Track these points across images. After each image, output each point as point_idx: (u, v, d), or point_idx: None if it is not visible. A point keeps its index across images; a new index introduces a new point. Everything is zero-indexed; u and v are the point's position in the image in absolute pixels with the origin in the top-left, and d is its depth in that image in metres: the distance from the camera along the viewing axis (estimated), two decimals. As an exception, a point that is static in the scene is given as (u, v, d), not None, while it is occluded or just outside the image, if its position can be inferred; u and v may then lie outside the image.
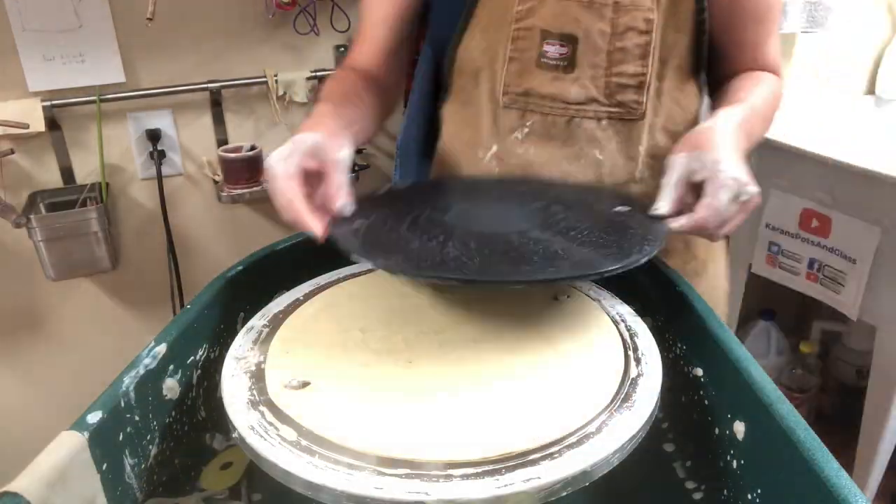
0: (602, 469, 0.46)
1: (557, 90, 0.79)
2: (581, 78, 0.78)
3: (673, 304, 0.66)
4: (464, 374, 0.54)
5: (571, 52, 0.77)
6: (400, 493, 0.43)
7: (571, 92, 0.79)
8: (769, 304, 1.89)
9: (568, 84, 0.78)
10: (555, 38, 0.77)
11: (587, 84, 0.78)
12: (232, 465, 0.61)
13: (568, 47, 0.77)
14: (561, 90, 0.79)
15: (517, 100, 0.80)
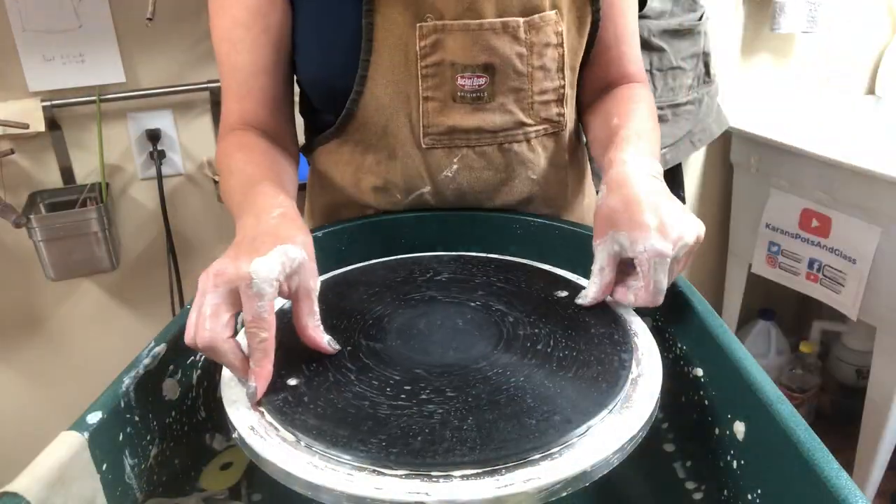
0: (602, 469, 0.46)
1: (481, 122, 0.75)
2: (505, 104, 0.75)
3: (673, 303, 0.66)
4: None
5: (489, 81, 0.73)
6: (400, 493, 0.43)
7: (496, 121, 0.75)
8: (769, 304, 1.90)
9: (491, 114, 0.75)
10: (469, 71, 0.72)
11: (511, 109, 0.75)
12: (232, 465, 0.61)
13: (485, 77, 0.73)
14: (485, 121, 0.75)
15: (440, 139, 0.75)
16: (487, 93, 0.73)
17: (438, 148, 0.76)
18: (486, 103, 0.74)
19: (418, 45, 0.71)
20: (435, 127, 0.75)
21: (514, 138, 0.77)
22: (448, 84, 0.73)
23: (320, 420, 0.48)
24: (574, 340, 0.57)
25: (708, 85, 1.54)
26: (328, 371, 0.54)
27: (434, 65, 0.72)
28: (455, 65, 0.72)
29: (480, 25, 0.71)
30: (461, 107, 0.74)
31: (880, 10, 1.85)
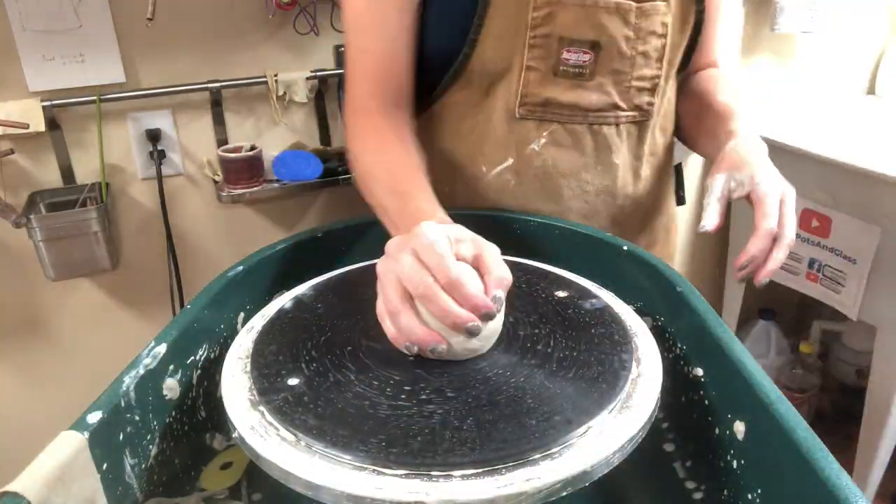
0: (602, 469, 0.46)
1: (578, 98, 0.77)
2: (603, 84, 0.77)
3: (673, 304, 0.66)
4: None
5: (593, 59, 0.76)
6: (400, 493, 0.43)
7: (592, 99, 0.78)
8: (769, 304, 1.90)
9: (588, 92, 0.77)
10: (575, 46, 0.75)
11: (609, 90, 0.78)
12: (232, 465, 0.61)
13: (590, 54, 0.75)
14: (581, 98, 0.77)
15: (535, 110, 0.78)
16: (589, 70, 0.76)
17: (530, 119, 0.78)
18: (586, 80, 0.76)
19: (531, 14, 0.73)
20: (532, 97, 0.77)
21: (604, 120, 0.79)
22: (553, 57, 0.75)
23: (320, 420, 0.48)
24: (574, 340, 0.57)
25: (708, 85, 1.54)
26: (328, 371, 0.54)
27: (543, 36, 0.74)
28: (563, 38, 0.74)
29: (595, 3, 0.73)
30: (561, 81, 0.76)
31: (880, 10, 1.85)
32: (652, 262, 0.70)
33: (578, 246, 0.77)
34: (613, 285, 0.69)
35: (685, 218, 1.89)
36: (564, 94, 0.77)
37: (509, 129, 0.79)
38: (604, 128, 0.80)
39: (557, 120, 0.78)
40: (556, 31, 0.74)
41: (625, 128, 0.81)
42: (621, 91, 0.78)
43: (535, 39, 0.74)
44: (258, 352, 0.57)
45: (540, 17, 0.73)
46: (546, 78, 0.76)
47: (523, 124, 0.79)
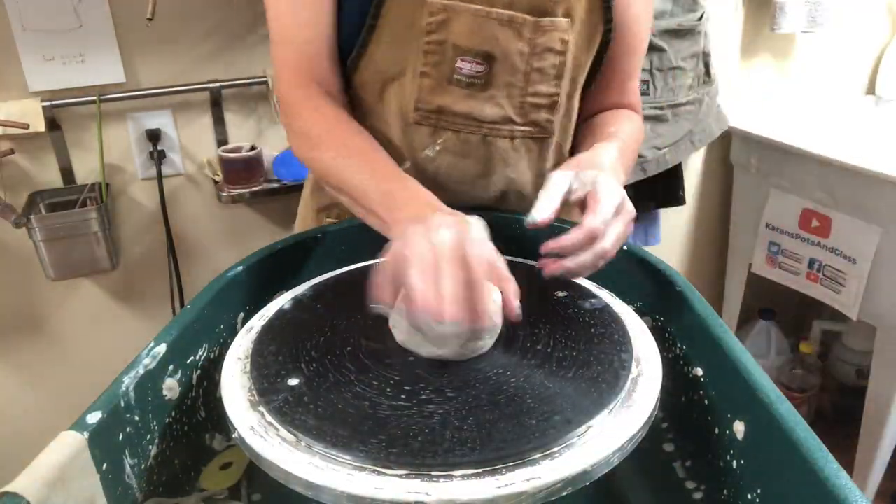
0: (602, 469, 0.46)
1: (471, 108, 0.75)
2: (496, 97, 0.75)
3: (673, 303, 0.66)
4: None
5: (487, 70, 0.73)
6: (400, 493, 0.43)
7: (486, 111, 0.75)
8: (769, 303, 1.90)
9: (482, 102, 0.75)
10: (470, 55, 0.73)
11: (502, 103, 0.76)
12: (232, 465, 0.61)
13: (484, 65, 0.73)
14: (475, 108, 0.75)
15: (429, 116, 0.76)
16: (483, 81, 0.74)
17: (424, 125, 0.77)
18: (480, 91, 0.75)
19: (425, 20, 0.71)
20: (426, 104, 0.75)
21: (498, 133, 0.78)
22: (447, 64, 0.73)
23: (320, 420, 0.48)
24: (574, 340, 0.57)
25: (708, 85, 1.54)
26: (328, 371, 0.54)
27: (437, 42, 0.72)
28: (457, 47, 0.72)
29: (488, 14, 0.71)
30: (455, 90, 0.74)
31: (880, 10, 1.85)
32: (652, 262, 0.70)
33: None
34: (613, 285, 0.69)
35: (685, 218, 1.89)
36: (458, 104, 0.75)
37: (404, 133, 0.77)
38: (498, 140, 0.78)
39: (451, 128, 0.77)
40: (450, 39, 0.72)
41: (522, 143, 0.79)
42: (515, 105, 0.76)
43: (429, 45, 0.72)
44: (258, 352, 0.57)
45: (435, 23, 0.71)
46: (440, 85, 0.74)
47: (418, 129, 0.77)
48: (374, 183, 0.66)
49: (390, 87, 0.76)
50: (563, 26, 0.73)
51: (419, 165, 0.79)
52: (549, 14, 0.73)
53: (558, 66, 0.75)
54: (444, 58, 0.73)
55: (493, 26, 0.72)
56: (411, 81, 0.74)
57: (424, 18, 0.71)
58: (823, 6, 1.66)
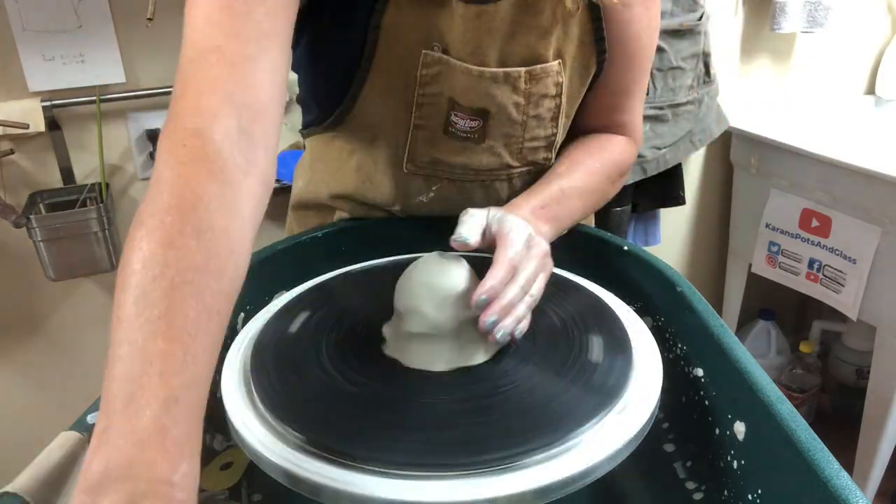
0: (603, 469, 0.46)
1: (468, 160, 0.73)
2: (493, 147, 0.73)
3: (673, 304, 0.66)
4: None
5: (482, 124, 0.71)
6: (400, 492, 0.43)
7: (483, 160, 0.74)
8: (769, 303, 1.90)
9: (479, 154, 0.73)
10: (464, 112, 0.70)
11: (499, 152, 0.74)
12: (232, 465, 0.61)
13: (478, 120, 0.71)
14: (471, 159, 0.73)
15: (423, 167, 0.74)
16: (478, 134, 0.72)
17: (419, 175, 0.75)
18: (476, 143, 0.73)
19: (420, 71, 0.68)
20: (420, 156, 0.73)
21: (496, 177, 0.76)
22: (441, 117, 0.71)
23: (321, 420, 0.48)
24: (573, 340, 0.57)
25: (708, 85, 1.54)
26: (329, 372, 0.54)
27: (432, 95, 0.70)
28: (452, 100, 0.70)
29: (482, 74, 0.69)
30: (450, 141, 0.72)
31: (880, 10, 1.85)
32: (652, 262, 0.70)
33: (579, 246, 0.77)
34: (613, 285, 0.69)
35: (685, 218, 1.89)
36: (453, 156, 0.73)
37: (395, 181, 0.75)
38: (496, 183, 0.77)
39: (447, 177, 0.75)
40: (445, 92, 0.69)
41: (519, 180, 0.78)
42: (513, 152, 0.75)
43: (423, 98, 0.70)
44: (258, 352, 0.57)
45: (430, 75, 0.68)
46: (435, 137, 0.72)
47: (411, 178, 0.75)
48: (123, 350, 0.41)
49: (380, 138, 0.73)
50: (555, 69, 0.71)
51: (409, 210, 0.77)
52: (541, 60, 0.70)
53: (554, 109, 0.73)
54: (438, 110, 0.71)
55: (487, 84, 0.69)
56: (405, 133, 0.72)
57: (419, 70, 0.68)
58: (823, 6, 1.66)
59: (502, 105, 0.71)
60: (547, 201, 0.69)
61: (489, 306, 0.53)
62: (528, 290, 0.56)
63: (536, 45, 0.69)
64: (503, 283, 0.54)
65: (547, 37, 0.69)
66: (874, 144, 1.55)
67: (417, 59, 0.68)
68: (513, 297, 0.54)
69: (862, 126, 1.78)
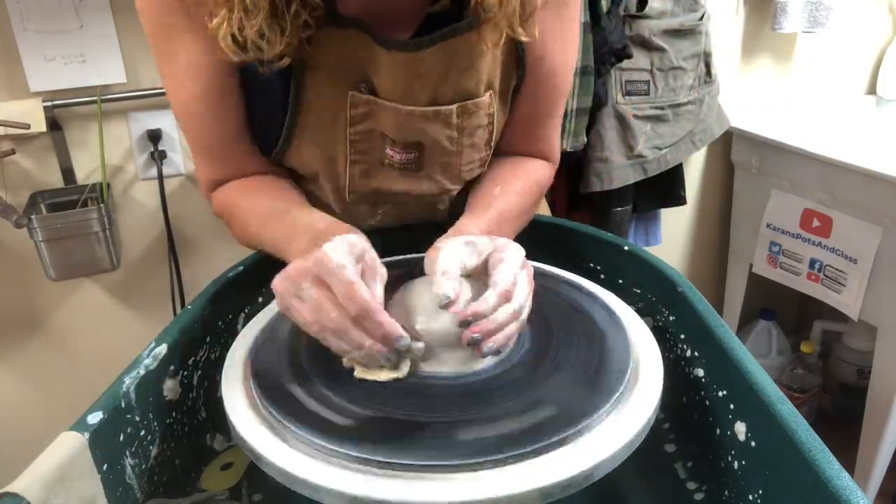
0: (604, 470, 0.46)
1: (408, 187, 0.74)
2: (432, 174, 0.74)
3: (674, 304, 0.66)
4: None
5: (418, 156, 0.72)
6: (401, 493, 0.43)
7: (423, 187, 0.75)
8: (770, 303, 1.89)
9: (418, 180, 0.74)
10: (398, 146, 0.71)
11: (438, 178, 0.75)
12: (232, 465, 0.61)
13: (414, 153, 0.71)
14: (412, 186, 0.75)
15: (366, 196, 0.76)
16: (415, 165, 0.73)
17: (362, 203, 0.77)
18: (413, 173, 0.73)
19: (349, 111, 0.68)
20: (361, 187, 0.74)
21: (437, 200, 0.79)
22: (377, 151, 0.72)
23: (321, 421, 0.48)
24: (574, 340, 0.57)
25: (709, 85, 1.54)
26: (329, 372, 0.54)
27: (364, 132, 0.70)
28: (385, 136, 0.70)
29: (412, 112, 0.68)
30: (388, 171, 0.73)
31: (881, 10, 1.85)
32: (653, 262, 0.70)
33: (579, 246, 0.77)
34: (614, 285, 0.69)
35: (686, 218, 1.89)
36: (394, 184, 0.74)
37: (343, 208, 0.77)
38: (437, 204, 0.80)
39: (391, 202, 0.77)
40: (377, 128, 0.70)
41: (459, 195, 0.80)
42: (451, 176, 0.75)
43: (356, 135, 0.70)
44: (258, 352, 0.57)
45: (359, 114, 0.69)
46: (373, 169, 0.73)
47: (357, 205, 0.77)
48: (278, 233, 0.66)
49: (322, 173, 0.74)
50: (486, 102, 0.71)
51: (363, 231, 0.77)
52: (473, 96, 0.70)
53: (487, 136, 0.74)
54: (372, 145, 0.71)
55: (418, 121, 0.69)
56: (343, 168, 0.72)
57: (347, 111, 0.68)
58: (824, 6, 1.65)
59: (435, 139, 0.71)
60: (490, 226, 0.68)
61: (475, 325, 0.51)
62: (522, 313, 0.55)
63: (467, 83, 0.69)
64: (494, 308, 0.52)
65: (476, 74, 0.68)
66: (875, 144, 1.55)
67: (345, 100, 0.68)
68: (503, 320, 0.52)
69: (863, 126, 1.78)
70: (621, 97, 1.41)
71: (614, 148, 1.41)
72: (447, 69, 0.67)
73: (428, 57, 0.66)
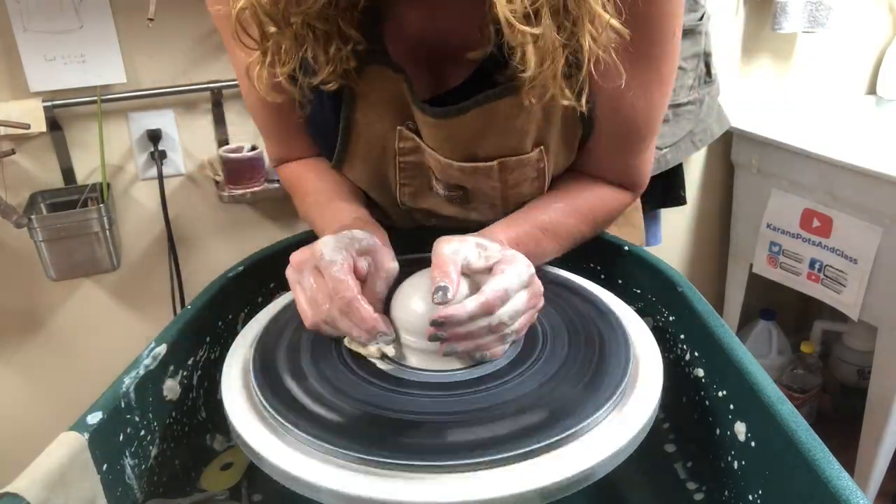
0: (604, 470, 0.46)
1: (457, 213, 0.74)
2: (479, 208, 0.73)
3: (674, 304, 0.66)
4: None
5: (464, 194, 0.71)
6: (401, 493, 0.43)
7: (471, 216, 0.73)
8: (770, 304, 1.89)
9: (467, 210, 0.73)
10: (442, 185, 0.71)
11: (486, 212, 0.72)
12: (232, 465, 0.61)
13: (459, 192, 0.71)
14: (460, 214, 0.74)
15: (417, 210, 0.76)
16: (462, 199, 0.72)
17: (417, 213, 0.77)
18: (461, 204, 0.73)
19: (397, 144, 0.69)
20: (412, 205, 0.75)
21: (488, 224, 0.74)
22: (425, 177, 0.72)
23: (321, 420, 0.48)
24: (574, 341, 0.57)
25: (709, 85, 1.53)
26: (329, 373, 0.54)
27: (412, 164, 0.71)
28: (432, 170, 0.70)
29: (450, 164, 0.67)
30: (437, 197, 0.73)
31: (881, 10, 1.85)
32: (653, 262, 0.70)
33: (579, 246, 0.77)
34: (614, 285, 0.69)
35: (686, 218, 1.89)
36: (443, 209, 0.74)
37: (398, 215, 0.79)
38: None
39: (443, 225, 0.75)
40: (425, 161, 0.70)
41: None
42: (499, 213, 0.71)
43: (405, 164, 0.71)
44: (258, 352, 0.57)
45: (407, 147, 0.69)
46: (422, 192, 0.73)
47: (410, 214, 0.77)
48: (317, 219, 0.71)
49: (373, 190, 0.76)
50: (534, 157, 0.66)
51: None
52: (518, 153, 0.66)
53: (537, 189, 0.70)
54: (421, 172, 0.71)
55: (457, 171, 0.67)
56: (394, 188, 0.74)
57: (396, 142, 0.69)
58: (824, 6, 1.65)
59: (478, 187, 0.69)
60: (520, 237, 0.65)
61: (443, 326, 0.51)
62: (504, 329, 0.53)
63: (509, 141, 0.65)
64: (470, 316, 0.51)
65: (519, 133, 0.64)
66: (875, 144, 1.54)
67: (394, 132, 0.69)
68: (475, 329, 0.52)
69: (863, 126, 1.78)
70: (621, 97, 1.40)
71: (614, 148, 1.41)
72: (484, 131, 0.64)
73: (465, 120, 0.63)
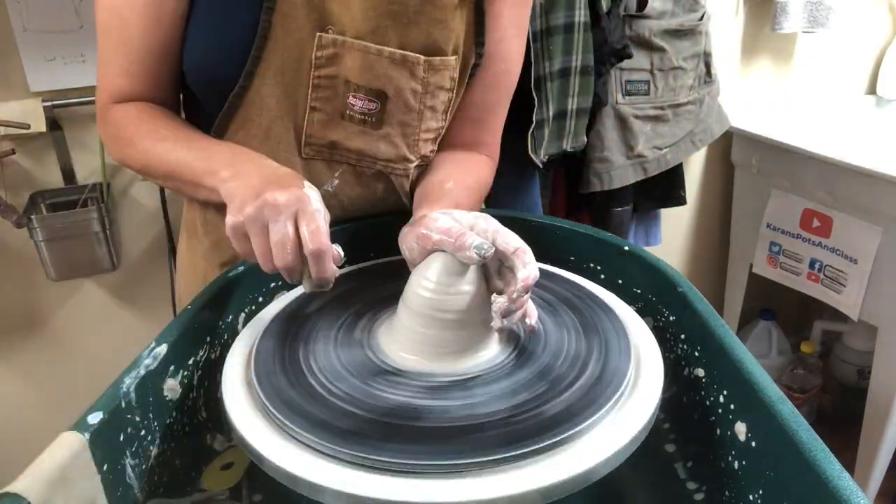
0: (604, 470, 0.46)
1: (365, 145, 0.74)
2: (390, 135, 0.74)
3: (674, 304, 0.66)
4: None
5: (380, 108, 0.72)
6: (401, 493, 0.43)
7: (380, 148, 0.74)
8: (770, 304, 1.90)
9: (376, 140, 0.74)
10: (362, 93, 0.71)
11: (396, 142, 0.75)
12: (233, 465, 0.61)
13: (376, 103, 0.71)
14: (369, 146, 0.74)
15: (322, 151, 0.74)
16: (376, 118, 0.72)
17: (319, 160, 0.75)
18: (373, 129, 0.73)
19: (314, 54, 0.68)
20: (318, 139, 0.73)
21: (393, 170, 0.77)
22: (339, 99, 0.71)
23: (321, 420, 0.48)
24: (575, 340, 0.57)
25: (709, 85, 1.54)
26: (330, 373, 0.54)
27: (328, 77, 0.70)
28: (349, 83, 0.70)
29: (380, 52, 0.69)
30: (347, 125, 0.73)
31: (881, 10, 1.85)
32: (653, 262, 0.70)
33: (579, 246, 0.77)
34: (614, 285, 0.69)
35: (686, 218, 1.89)
36: (351, 140, 0.73)
37: (300, 168, 0.75)
38: (392, 175, 0.78)
39: (347, 162, 0.75)
40: (341, 74, 0.69)
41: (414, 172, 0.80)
42: (410, 144, 0.75)
43: (319, 80, 0.69)
44: (259, 352, 0.57)
45: (325, 57, 0.68)
46: (332, 120, 0.72)
47: (313, 164, 0.75)
48: (192, 154, 0.67)
49: (278, 122, 0.72)
50: (452, 64, 0.73)
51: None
52: (441, 53, 0.72)
53: (447, 103, 0.75)
54: (335, 93, 0.71)
55: (385, 65, 0.70)
56: (302, 116, 0.72)
57: (314, 52, 0.68)
58: (825, 6, 1.66)
59: (400, 89, 0.72)
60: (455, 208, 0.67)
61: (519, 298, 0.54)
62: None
63: (437, 35, 0.71)
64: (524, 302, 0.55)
65: (446, 30, 0.71)
66: (875, 144, 1.55)
67: (312, 41, 0.68)
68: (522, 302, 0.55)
69: (863, 126, 1.78)
70: (621, 97, 1.41)
71: (614, 148, 1.41)
72: (420, 13, 0.69)
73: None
